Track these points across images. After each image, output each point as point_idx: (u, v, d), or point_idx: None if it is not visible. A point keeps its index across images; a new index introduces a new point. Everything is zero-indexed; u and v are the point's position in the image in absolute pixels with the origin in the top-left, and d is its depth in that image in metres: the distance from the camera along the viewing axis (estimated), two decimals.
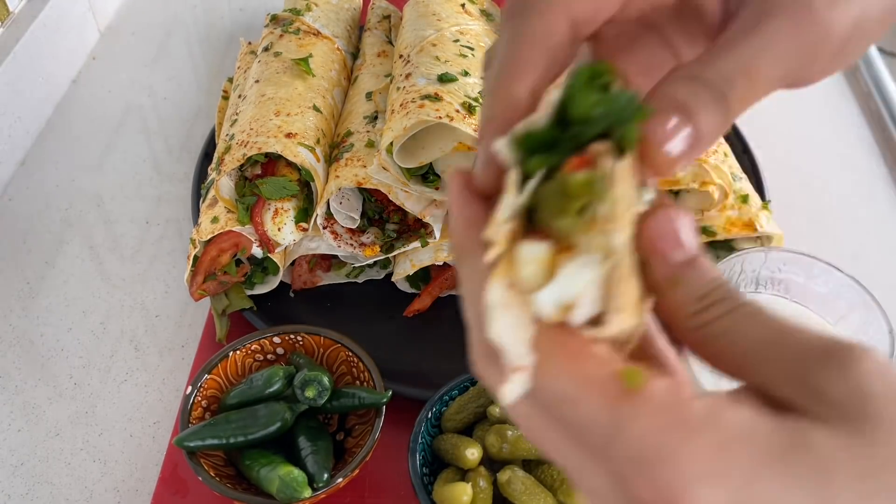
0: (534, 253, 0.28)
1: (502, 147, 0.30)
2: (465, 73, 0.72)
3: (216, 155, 0.77)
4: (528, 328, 0.28)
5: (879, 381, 0.27)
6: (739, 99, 0.30)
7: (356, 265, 0.79)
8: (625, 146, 0.29)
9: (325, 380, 0.63)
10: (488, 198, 0.31)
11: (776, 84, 0.31)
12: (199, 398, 0.64)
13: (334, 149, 0.77)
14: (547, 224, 0.29)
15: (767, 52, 0.30)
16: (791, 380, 0.28)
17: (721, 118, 0.31)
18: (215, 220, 0.73)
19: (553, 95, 0.30)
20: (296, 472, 0.58)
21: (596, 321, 0.28)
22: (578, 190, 0.27)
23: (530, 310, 0.28)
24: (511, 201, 0.29)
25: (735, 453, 0.26)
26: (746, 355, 0.29)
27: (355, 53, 0.92)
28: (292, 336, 0.68)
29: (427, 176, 0.71)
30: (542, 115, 0.30)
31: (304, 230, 0.74)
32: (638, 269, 0.30)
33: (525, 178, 0.29)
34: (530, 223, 0.29)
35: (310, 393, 0.63)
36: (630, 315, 0.29)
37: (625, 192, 0.28)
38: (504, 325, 0.28)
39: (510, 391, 0.28)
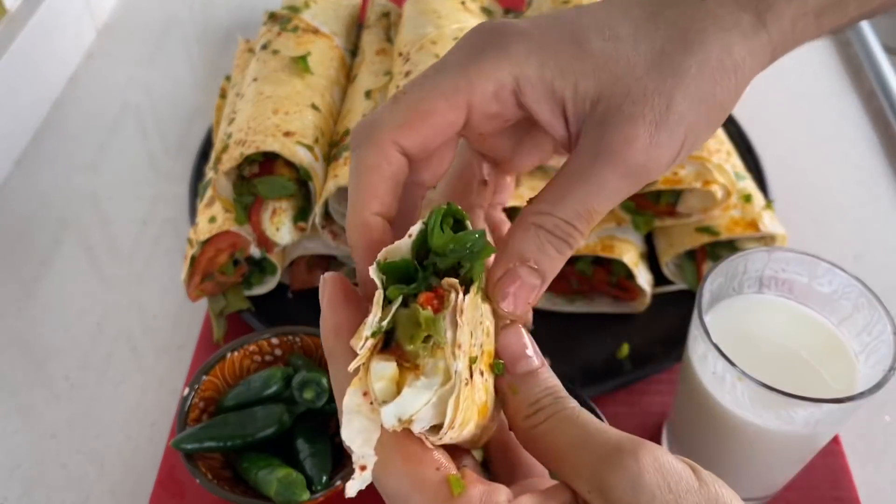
0: (383, 371, 0.34)
1: (371, 271, 0.36)
2: None
3: (213, 154, 0.77)
4: (375, 432, 0.34)
5: (649, 478, 0.32)
6: (581, 235, 0.37)
7: (354, 265, 0.79)
8: (473, 278, 0.36)
9: (324, 381, 0.62)
10: (357, 302, 0.38)
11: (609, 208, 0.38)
12: (197, 400, 0.63)
13: (333, 148, 0.77)
14: (401, 344, 0.35)
15: (601, 194, 0.37)
16: (588, 479, 0.34)
17: (562, 261, 0.38)
18: (213, 219, 0.72)
19: (415, 228, 0.37)
20: (294, 475, 0.57)
21: (440, 427, 0.34)
22: (425, 324, 0.34)
23: (379, 418, 0.34)
24: (373, 320, 0.34)
25: None
26: (559, 455, 0.35)
27: (354, 51, 0.91)
28: (290, 337, 0.67)
29: None
30: (406, 242, 0.37)
31: (303, 230, 0.73)
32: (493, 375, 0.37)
33: (388, 301, 0.36)
34: (390, 338, 0.35)
35: (308, 394, 0.62)
36: (473, 423, 0.35)
37: (469, 323, 0.35)
38: (355, 427, 0.34)
39: (352, 486, 0.34)
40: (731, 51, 0.38)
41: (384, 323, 0.35)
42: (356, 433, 0.34)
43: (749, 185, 0.77)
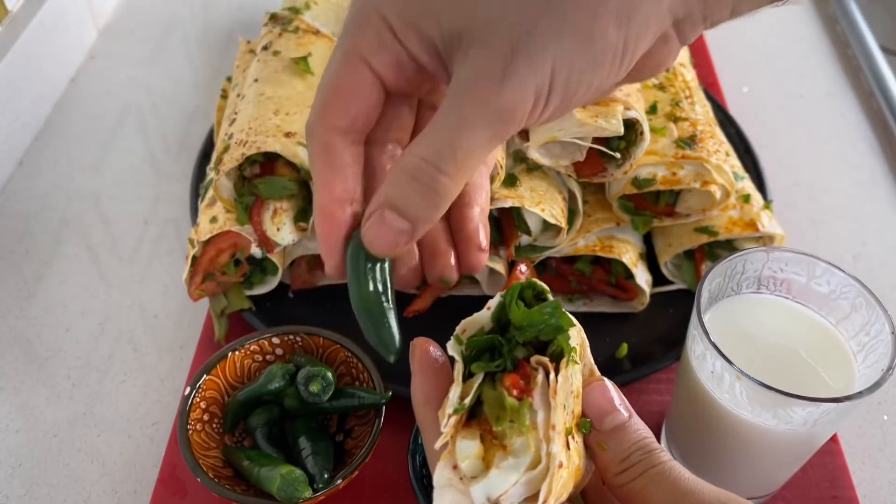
0: (468, 451, 0.35)
1: (450, 346, 0.37)
2: None
3: (215, 154, 0.77)
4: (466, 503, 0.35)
5: None
6: (449, 179, 0.35)
7: None
8: (563, 353, 0.36)
9: (329, 375, 0.63)
10: (447, 368, 0.38)
11: (485, 150, 0.36)
12: (198, 399, 0.64)
13: None
14: (488, 419, 0.36)
15: (462, 130, 0.35)
16: None
17: (432, 206, 0.36)
18: (214, 219, 0.73)
19: (493, 301, 0.38)
20: (297, 472, 0.58)
21: (532, 497, 0.35)
22: (510, 412, 0.35)
23: (468, 491, 0.35)
24: (454, 398, 0.36)
25: None
26: None
27: None
28: (291, 337, 0.67)
29: None
30: (484, 315, 0.38)
31: (304, 230, 0.73)
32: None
33: (471, 373, 0.37)
34: (477, 408, 0.36)
35: (314, 388, 0.62)
36: (564, 494, 0.35)
37: (563, 402, 0.35)
38: (446, 501, 0.35)
39: None
40: None
41: (466, 401, 0.36)
42: None
43: (748, 185, 0.77)
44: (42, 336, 0.78)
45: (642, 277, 0.75)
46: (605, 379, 0.38)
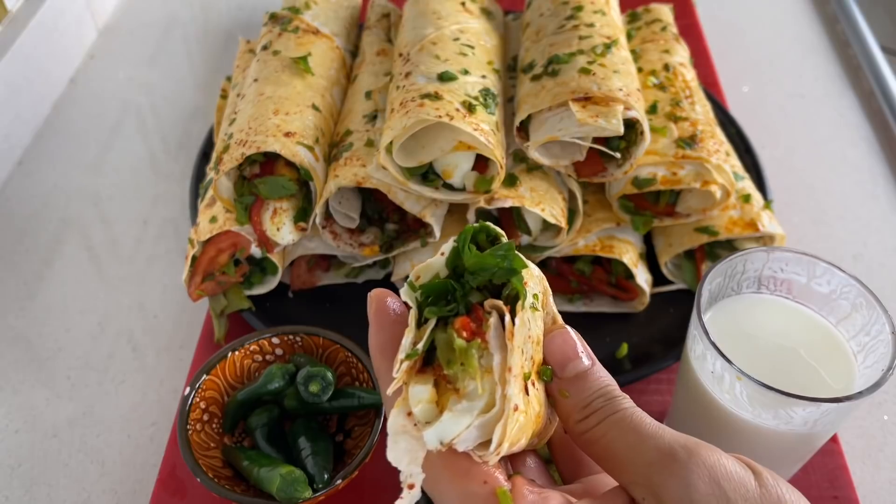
0: (419, 395, 0.35)
1: (404, 292, 0.36)
2: (466, 72, 0.72)
3: (214, 154, 0.77)
4: (421, 451, 0.35)
5: (705, 487, 0.32)
6: None
7: (355, 265, 0.79)
8: (519, 295, 0.35)
9: (329, 375, 0.63)
10: (403, 318, 0.38)
11: None
12: (198, 399, 0.63)
13: (333, 148, 0.77)
14: (441, 365, 0.35)
15: None
16: (642, 484, 0.34)
17: None
18: (214, 219, 0.73)
19: (447, 246, 0.37)
20: (297, 472, 0.58)
21: (488, 443, 0.34)
22: (458, 353, 0.34)
23: (423, 438, 0.34)
24: (407, 343, 0.35)
25: None
26: (615, 459, 0.35)
27: (354, 52, 0.91)
28: (291, 337, 0.67)
29: (427, 175, 0.71)
30: (438, 260, 0.37)
31: (303, 230, 0.73)
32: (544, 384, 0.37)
33: (426, 319, 0.36)
34: (433, 355, 0.36)
35: (314, 388, 0.62)
36: (525, 438, 0.35)
37: (520, 345, 0.34)
38: (400, 449, 0.35)
39: None
40: None
41: (419, 346, 0.35)
42: (402, 453, 0.35)
43: (748, 185, 0.77)
44: (42, 336, 0.78)
45: (642, 277, 0.75)
46: (568, 327, 0.38)
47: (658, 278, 0.78)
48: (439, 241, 0.75)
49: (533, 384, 0.35)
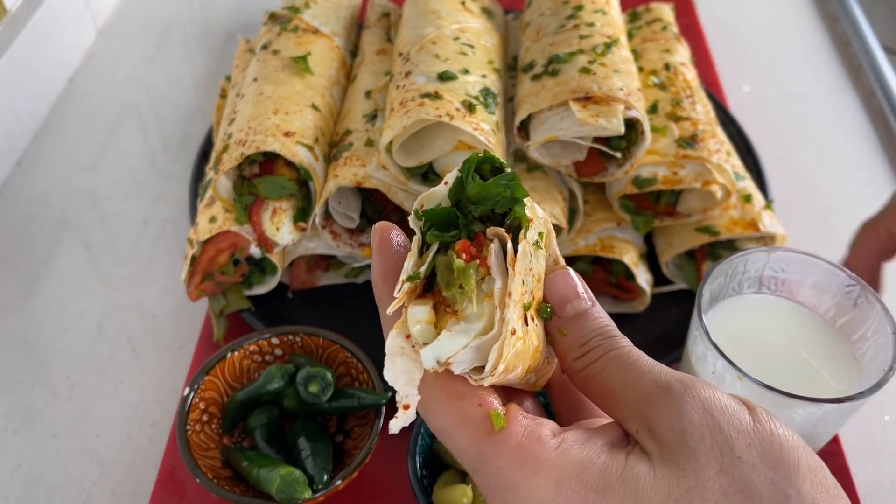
0: (418, 315, 0.35)
1: (411, 219, 0.37)
2: (465, 71, 0.71)
3: (214, 154, 0.77)
4: (418, 373, 0.35)
5: (698, 417, 0.32)
6: None
7: (355, 265, 0.79)
8: (521, 225, 0.35)
9: (329, 375, 0.63)
10: (405, 248, 0.38)
11: None
12: (197, 400, 0.63)
13: (333, 148, 0.77)
14: (440, 289, 0.35)
15: None
16: (636, 417, 0.34)
17: None
18: (213, 219, 0.72)
19: (451, 175, 0.37)
20: (297, 473, 0.57)
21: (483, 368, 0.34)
22: (457, 273, 0.35)
23: (420, 359, 0.34)
24: (409, 265, 0.36)
25: (567, 487, 0.32)
26: (610, 394, 0.35)
27: (354, 51, 0.91)
28: (291, 337, 0.67)
29: (427, 175, 0.71)
30: (441, 189, 0.37)
31: (303, 230, 0.73)
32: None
33: (428, 244, 0.36)
34: (433, 283, 0.36)
35: (314, 388, 0.62)
36: (522, 368, 0.35)
37: (521, 272, 0.34)
38: (397, 369, 0.35)
39: (395, 424, 0.35)
40: None
41: (422, 269, 0.35)
42: (399, 373, 0.35)
43: (749, 184, 0.77)
44: (40, 336, 0.78)
45: (643, 277, 0.75)
46: (569, 268, 0.38)
47: (659, 278, 0.78)
48: None
49: (532, 319, 0.35)
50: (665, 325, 0.75)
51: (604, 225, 0.76)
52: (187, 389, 0.63)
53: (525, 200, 0.36)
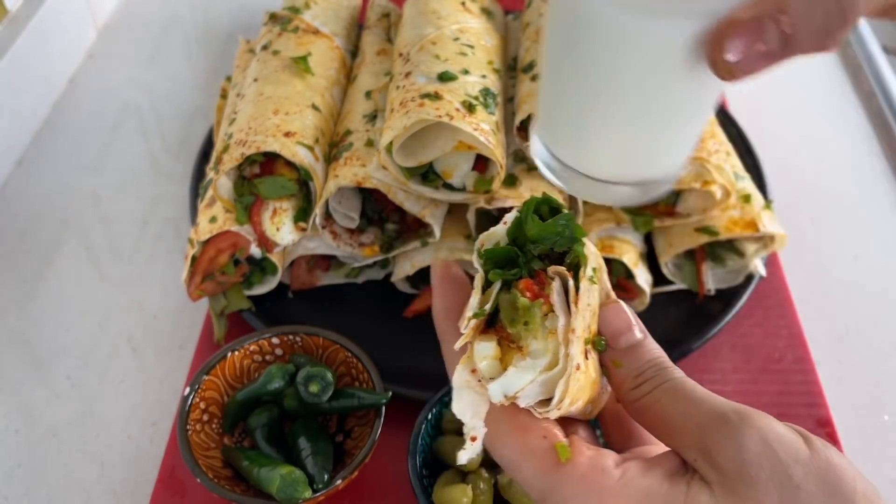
0: (485, 351, 0.37)
1: (474, 258, 0.39)
2: (466, 72, 0.72)
3: (214, 154, 0.77)
4: (484, 406, 0.37)
5: (756, 447, 0.33)
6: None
7: (355, 265, 0.79)
8: (580, 263, 0.37)
9: (329, 375, 0.63)
10: (464, 285, 0.40)
11: None
12: (198, 399, 0.63)
13: (333, 148, 0.77)
14: (504, 325, 0.37)
15: None
16: (694, 447, 0.35)
17: (835, 27, 0.33)
18: (213, 219, 0.73)
19: (510, 216, 0.39)
20: (296, 473, 0.57)
21: (548, 401, 0.36)
22: (522, 311, 0.36)
23: (487, 393, 0.36)
24: (474, 303, 0.37)
25: None
26: (666, 424, 0.36)
27: (354, 52, 0.91)
28: (291, 337, 0.67)
29: (427, 175, 0.71)
30: (500, 229, 0.39)
31: (303, 230, 0.73)
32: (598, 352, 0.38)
33: (490, 283, 0.38)
34: (496, 318, 0.38)
35: (314, 388, 0.62)
36: (582, 400, 0.37)
37: (583, 309, 0.36)
38: (464, 402, 0.37)
39: (462, 455, 0.37)
40: None
41: (487, 307, 0.37)
42: (466, 407, 0.37)
43: (748, 185, 0.77)
44: (41, 336, 0.78)
45: (643, 277, 0.75)
46: (621, 301, 0.39)
47: (658, 278, 0.78)
48: (439, 242, 0.75)
49: (588, 353, 0.37)
50: (665, 325, 0.76)
51: (604, 225, 0.76)
52: (188, 389, 0.63)
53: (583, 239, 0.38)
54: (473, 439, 0.37)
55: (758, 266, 0.76)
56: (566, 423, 0.39)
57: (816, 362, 0.74)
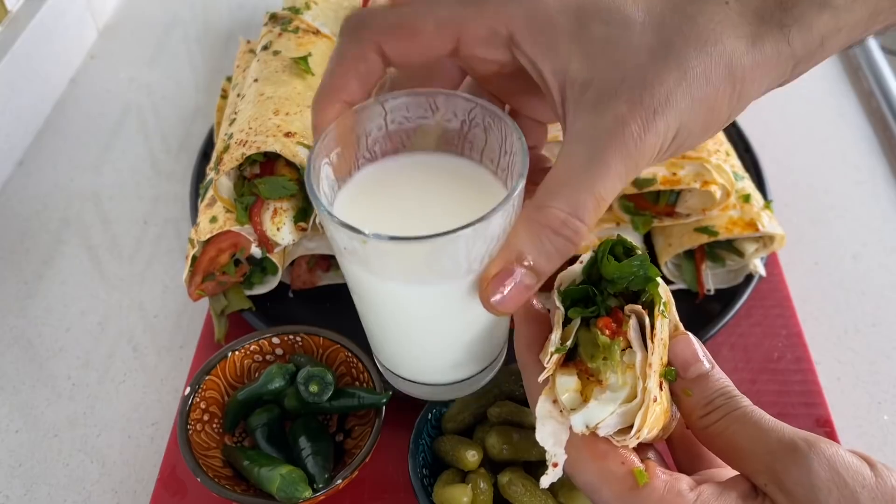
0: (566, 385, 0.39)
1: (555, 295, 0.41)
2: None
3: (215, 154, 0.77)
4: (565, 434, 0.39)
5: (825, 473, 0.35)
6: (587, 229, 0.37)
7: None
8: (654, 302, 0.40)
9: (329, 375, 0.63)
10: (544, 319, 0.43)
11: (614, 196, 0.38)
12: (198, 399, 0.64)
13: None
14: (583, 360, 0.40)
15: (607, 179, 0.36)
16: (764, 472, 0.37)
17: (563, 260, 0.38)
18: (214, 219, 0.73)
19: (586, 256, 0.42)
20: (297, 472, 0.58)
21: (626, 430, 0.38)
22: (602, 349, 0.39)
23: (568, 422, 0.39)
24: (556, 339, 0.40)
25: None
26: (737, 450, 0.38)
27: None
28: (291, 337, 0.67)
29: None
30: (577, 267, 0.42)
31: (304, 230, 0.73)
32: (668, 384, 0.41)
33: (568, 320, 0.41)
34: (573, 352, 0.40)
35: (314, 388, 0.62)
36: (656, 428, 0.39)
37: (659, 345, 0.39)
38: (548, 431, 0.39)
39: (545, 480, 0.39)
40: (740, 60, 0.36)
41: (568, 343, 0.40)
42: (548, 435, 0.39)
43: (748, 185, 0.77)
44: (42, 336, 0.78)
45: None
46: (689, 333, 0.41)
47: None
48: None
49: (662, 383, 0.40)
50: None
51: (603, 225, 0.76)
52: (188, 389, 0.63)
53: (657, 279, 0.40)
54: (555, 465, 0.39)
55: (757, 266, 0.76)
56: (638, 447, 0.41)
57: (816, 362, 0.74)
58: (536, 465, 0.59)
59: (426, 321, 0.45)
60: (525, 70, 0.40)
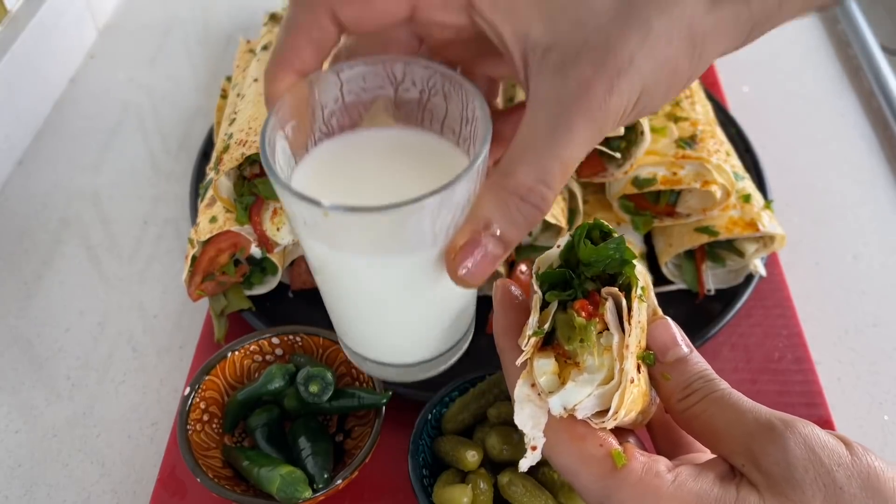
0: (544, 367, 0.39)
1: (532, 280, 0.42)
2: None
3: (214, 154, 0.77)
4: (543, 417, 0.39)
5: (801, 452, 0.35)
6: (553, 195, 0.36)
7: None
8: (631, 284, 0.40)
9: (329, 375, 0.63)
10: (523, 305, 0.43)
11: (580, 160, 0.38)
12: (198, 399, 0.63)
13: None
14: (561, 343, 0.40)
15: (572, 144, 0.35)
16: (742, 453, 0.37)
17: (530, 227, 0.37)
18: (214, 219, 0.73)
19: (563, 240, 0.42)
20: (297, 473, 0.58)
21: (603, 412, 0.39)
22: (578, 330, 0.39)
23: (546, 406, 0.39)
24: (533, 322, 0.40)
25: None
26: (714, 432, 0.39)
27: None
28: (291, 337, 0.67)
29: None
30: (554, 252, 0.42)
31: None
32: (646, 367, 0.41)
33: (546, 303, 0.41)
34: (552, 336, 0.40)
35: (314, 388, 0.62)
36: (635, 411, 0.39)
37: (636, 326, 0.39)
38: (526, 414, 0.39)
39: (523, 463, 0.40)
40: (701, 21, 0.36)
41: (545, 326, 0.40)
42: (527, 419, 0.39)
43: (748, 185, 0.77)
44: (41, 336, 0.78)
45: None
46: (667, 318, 0.41)
47: (658, 278, 0.78)
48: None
49: (640, 367, 0.40)
50: None
51: None
52: (188, 389, 0.63)
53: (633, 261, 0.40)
54: (534, 448, 0.40)
55: (757, 266, 0.76)
56: (619, 433, 0.41)
57: (816, 362, 0.74)
58: (537, 465, 0.59)
59: (393, 297, 0.43)
60: (483, 34, 0.39)
